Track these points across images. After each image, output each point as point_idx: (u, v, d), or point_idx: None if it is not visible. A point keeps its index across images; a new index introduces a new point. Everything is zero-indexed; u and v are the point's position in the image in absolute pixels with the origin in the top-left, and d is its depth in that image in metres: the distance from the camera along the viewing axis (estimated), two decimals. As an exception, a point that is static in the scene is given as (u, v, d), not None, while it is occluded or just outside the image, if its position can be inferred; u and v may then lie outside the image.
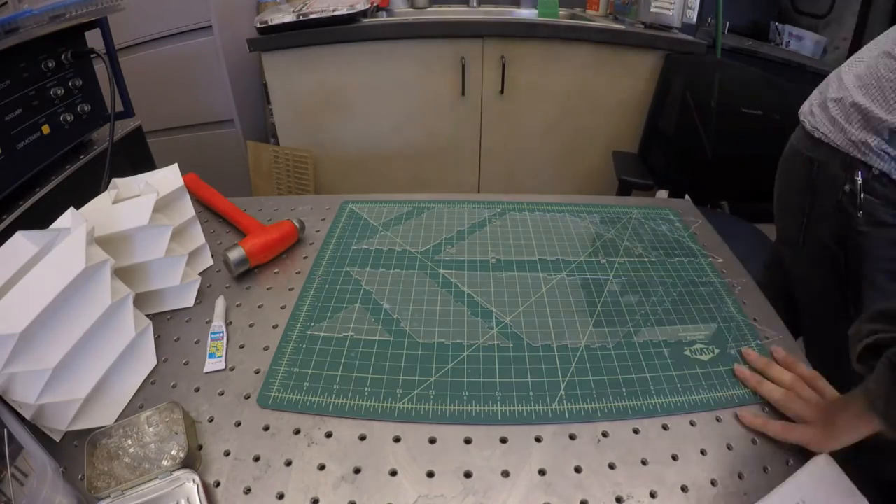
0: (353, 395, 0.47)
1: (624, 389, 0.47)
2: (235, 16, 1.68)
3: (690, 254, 0.66)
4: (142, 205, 0.55)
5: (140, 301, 0.56)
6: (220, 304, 0.57)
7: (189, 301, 0.59)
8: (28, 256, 0.47)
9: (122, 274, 0.54)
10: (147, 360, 0.51)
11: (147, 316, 0.55)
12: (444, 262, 0.64)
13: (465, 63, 1.55)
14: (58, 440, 0.44)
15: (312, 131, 1.70)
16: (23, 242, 0.48)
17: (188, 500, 0.38)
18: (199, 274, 0.62)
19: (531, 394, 0.47)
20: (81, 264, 0.44)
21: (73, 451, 0.43)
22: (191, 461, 0.40)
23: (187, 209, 0.64)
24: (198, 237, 0.65)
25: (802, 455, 0.42)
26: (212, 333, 0.53)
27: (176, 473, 0.39)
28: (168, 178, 0.62)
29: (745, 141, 2.04)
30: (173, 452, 0.40)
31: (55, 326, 0.44)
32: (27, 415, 0.43)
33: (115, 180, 0.61)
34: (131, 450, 0.41)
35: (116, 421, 0.45)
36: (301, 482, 0.40)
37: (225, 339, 0.53)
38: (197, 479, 0.39)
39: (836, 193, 0.69)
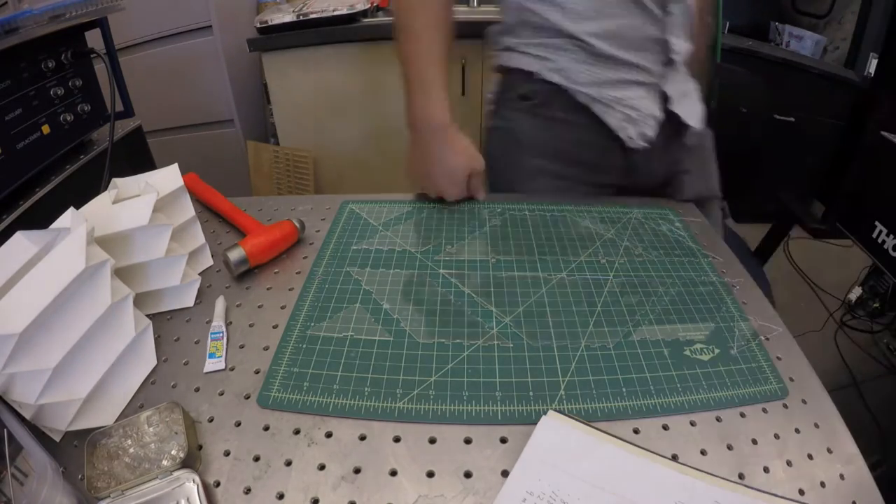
0: (353, 395, 0.47)
1: (624, 389, 0.47)
2: (235, 16, 1.68)
3: (690, 254, 0.66)
4: (142, 205, 0.55)
5: (140, 301, 0.56)
6: (220, 304, 0.57)
7: (189, 301, 0.59)
8: (28, 256, 0.47)
9: (121, 274, 0.54)
10: (147, 359, 0.51)
11: (147, 316, 0.55)
12: (444, 262, 0.64)
13: (465, 63, 1.56)
14: (58, 440, 0.44)
15: (312, 131, 1.71)
16: (23, 242, 0.48)
17: (188, 499, 0.38)
18: (199, 274, 0.62)
19: (531, 394, 0.47)
20: (81, 264, 0.44)
21: (73, 451, 0.43)
22: (191, 461, 0.40)
23: (187, 209, 0.64)
24: (198, 237, 0.65)
25: (803, 456, 0.42)
26: (212, 333, 0.53)
27: (176, 473, 0.39)
28: (168, 178, 0.62)
29: (745, 141, 2.05)
30: (173, 452, 0.40)
31: (55, 326, 0.44)
32: (27, 415, 0.43)
33: (116, 180, 0.61)
34: (131, 450, 0.41)
35: (116, 421, 0.45)
36: (301, 482, 0.40)
37: (225, 339, 0.53)
38: (197, 479, 0.39)
39: None
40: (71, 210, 0.51)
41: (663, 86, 0.71)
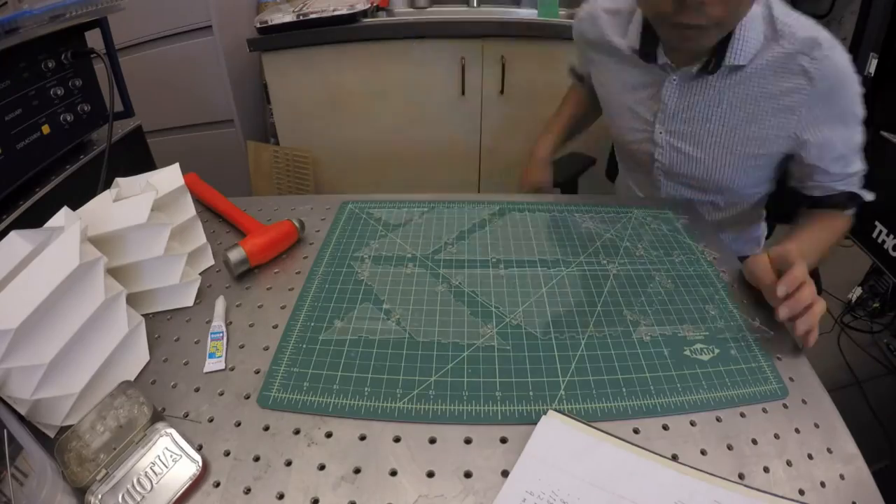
0: (352, 395, 0.47)
1: (624, 389, 0.47)
2: (235, 16, 1.68)
3: (690, 253, 0.66)
4: (140, 203, 0.55)
5: (139, 299, 0.56)
6: (220, 304, 0.57)
7: (188, 301, 0.59)
8: (23, 255, 0.47)
9: (121, 272, 0.54)
10: (140, 355, 0.52)
11: (146, 315, 0.55)
12: (445, 262, 0.64)
13: (464, 63, 1.56)
14: (52, 436, 0.44)
15: (312, 131, 1.70)
16: (17, 241, 0.48)
17: (167, 449, 0.40)
18: (200, 274, 0.62)
19: (531, 394, 0.47)
20: (76, 261, 0.45)
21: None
22: (157, 418, 0.43)
23: (188, 208, 0.64)
24: (199, 237, 0.64)
25: (803, 456, 0.42)
26: (212, 333, 0.53)
27: (148, 434, 0.41)
28: (169, 177, 0.62)
29: (745, 141, 2.04)
30: (139, 418, 0.42)
31: (50, 322, 0.44)
32: (22, 410, 0.43)
33: (118, 180, 0.61)
34: (102, 436, 0.42)
35: (86, 414, 0.44)
36: (301, 482, 0.40)
37: (225, 339, 0.53)
38: (169, 429, 0.41)
39: None
40: (64, 209, 0.51)
41: None
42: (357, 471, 0.41)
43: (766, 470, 0.41)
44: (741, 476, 0.41)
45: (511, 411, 0.45)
